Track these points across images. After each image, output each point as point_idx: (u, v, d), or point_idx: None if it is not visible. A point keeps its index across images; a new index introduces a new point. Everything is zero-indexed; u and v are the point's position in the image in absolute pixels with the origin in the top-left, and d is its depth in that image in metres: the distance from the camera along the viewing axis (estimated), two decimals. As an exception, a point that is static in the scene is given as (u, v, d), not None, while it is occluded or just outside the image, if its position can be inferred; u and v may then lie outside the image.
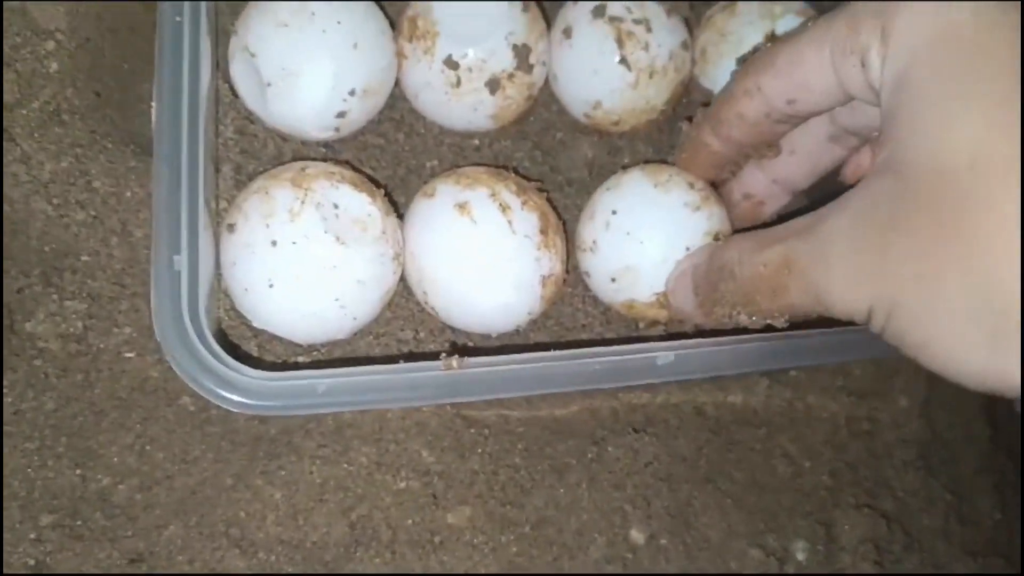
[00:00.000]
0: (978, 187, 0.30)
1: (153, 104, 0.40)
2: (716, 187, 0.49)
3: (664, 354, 0.41)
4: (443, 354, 0.39)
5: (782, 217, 0.50)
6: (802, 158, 0.47)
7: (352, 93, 0.46)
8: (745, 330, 0.52)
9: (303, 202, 0.42)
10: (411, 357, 0.46)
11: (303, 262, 0.41)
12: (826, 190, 0.46)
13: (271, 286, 0.42)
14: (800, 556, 0.51)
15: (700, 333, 0.50)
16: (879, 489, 0.56)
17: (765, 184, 0.49)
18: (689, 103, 0.54)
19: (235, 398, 0.37)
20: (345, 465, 0.47)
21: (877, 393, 0.58)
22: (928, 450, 0.58)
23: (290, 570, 0.45)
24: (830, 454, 0.55)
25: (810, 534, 0.52)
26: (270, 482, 0.46)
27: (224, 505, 0.45)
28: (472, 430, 0.50)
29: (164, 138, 0.40)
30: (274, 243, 0.41)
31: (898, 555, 0.53)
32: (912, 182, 0.32)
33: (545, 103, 0.53)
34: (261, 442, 0.47)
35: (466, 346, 0.47)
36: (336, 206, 0.42)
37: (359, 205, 0.43)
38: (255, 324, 0.44)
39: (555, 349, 0.42)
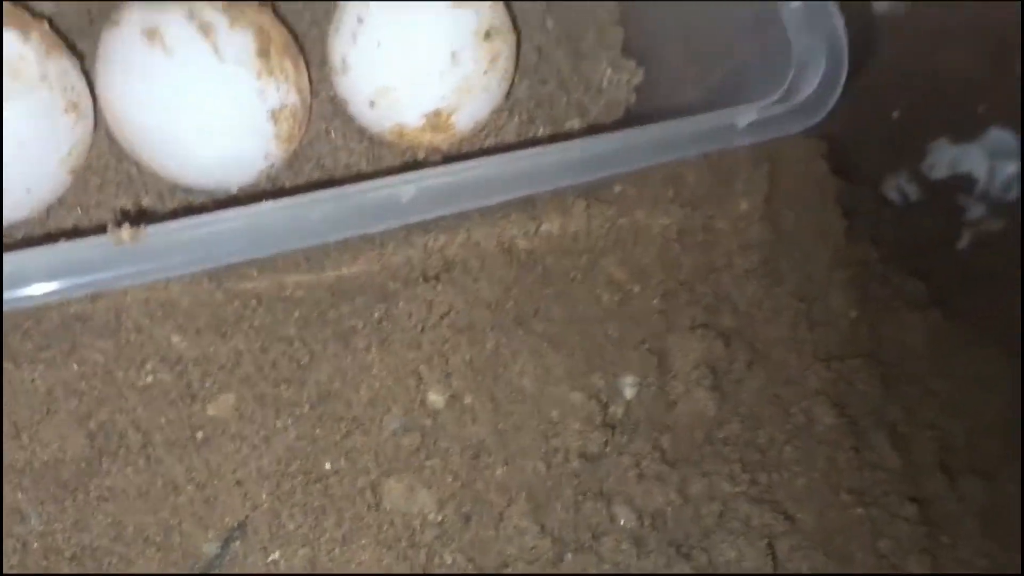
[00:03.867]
0: None
1: None
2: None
3: (406, 188, 0.33)
4: (110, 224, 0.31)
5: None
6: None
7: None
8: (521, 144, 0.45)
9: (-84, 51, 0.32)
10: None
11: (-67, 129, 0.32)
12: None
13: (-100, 165, 0.32)
14: (628, 393, 0.46)
15: (482, 152, 0.42)
16: (718, 304, 0.50)
17: None
18: None
19: None
20: (75, 366, 0.39)
21: (713, 199, 0.52)
22: (773, 254, 0.53)
23: (19, 496, 0.38)
24: (662, 274, 0.49)
25: (640, 366, 0.47)
26: (-18, 399, 0.38)
27: (-76, 435, 0.37)
28: (236, 303, 0.42)
29: None
30: None
31: (739, 375, 0.49)
32: None
33: None
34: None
35: (144, 211, 0.38)
36: (-32, 51, 0.33)
37: (5, 45, 0.33)
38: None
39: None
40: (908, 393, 0.58)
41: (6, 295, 0.30)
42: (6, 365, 0.39)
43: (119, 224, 0.30)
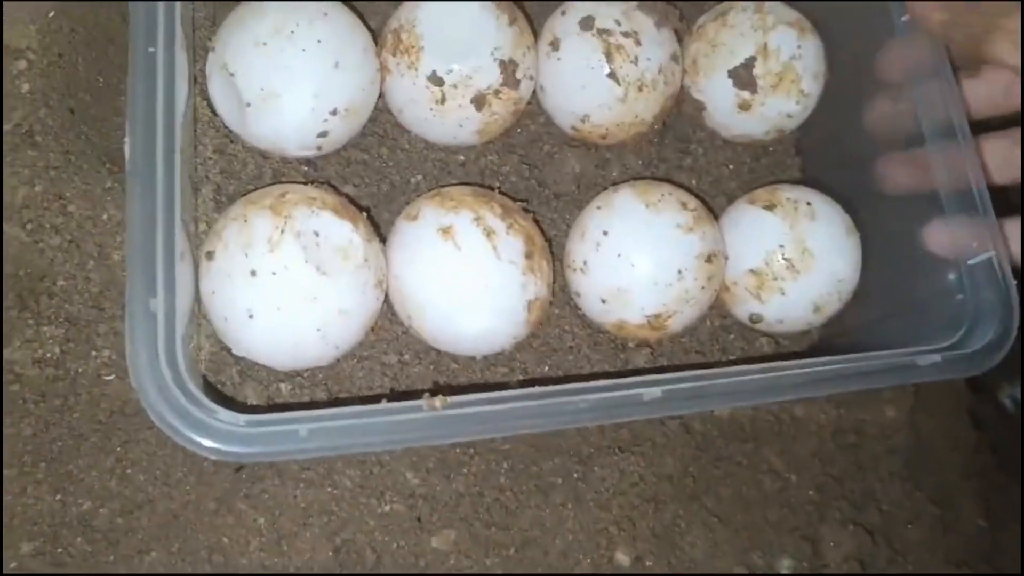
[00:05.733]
0: None
1: (126, 138, 0.38)
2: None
3: (650, 390, 0.40)
4: (426, 393, 0.38)
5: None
6: None
7: (334, 113, 0.45)
8: (733, 361, 0.52)
9: (283, 231, 0.41)
10: (395, 386, 0.46)
11: (283, 293, 0.41)
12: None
13: (251, 316, 0.41)
14: (785, 573, 0.51)
15: (689, 366, 0.49)
16: (865, 502, 0.55)
17: None
18: (679, 116, 0.53)
19: (215, 446, 0.36)
20: (329, 488, 0.47)
21: (864, 404, 0.58)
22: (914, 459, 0.58)
23: (274, 597, 0.44)
24: (817, 467, 0.55)
25: (796, 550, 0.52)
26: (253, 506, 0.45)
27: (207, 530, 0.45)
28: (457, 450, 0.49)
29: (138, 166, 0.38)
30: (253, 273, 0.40)
31: (883, 569, 0.53)
32: None
33: (532, 115, 0.52)
34: (244, 464, 0.47)
35: (448, 385, 0.46)
36: (317, 234, 0.42)
37: (341, 233, 0.42)
38: (235, 352, 0.43)
39: (540, 376, 0.41)
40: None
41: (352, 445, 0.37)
42: (274, 480, 0.46)
43: (433, 395, 0.38)
